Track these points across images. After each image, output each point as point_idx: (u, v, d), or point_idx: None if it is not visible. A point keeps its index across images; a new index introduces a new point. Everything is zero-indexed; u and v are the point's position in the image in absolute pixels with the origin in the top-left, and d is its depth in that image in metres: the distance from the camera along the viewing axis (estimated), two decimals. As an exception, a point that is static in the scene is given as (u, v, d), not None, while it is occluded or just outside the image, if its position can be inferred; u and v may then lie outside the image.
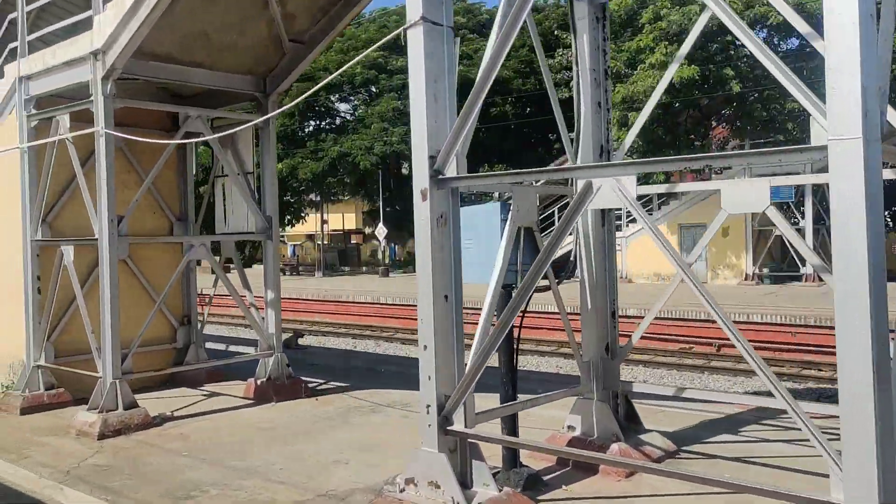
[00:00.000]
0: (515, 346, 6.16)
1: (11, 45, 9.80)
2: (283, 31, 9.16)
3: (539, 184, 8.16)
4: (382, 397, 9.77)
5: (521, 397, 6.17)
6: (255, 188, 10.33)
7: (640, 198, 27.98)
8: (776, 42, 26.61)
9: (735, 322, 18.45)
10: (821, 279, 26.31)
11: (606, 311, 6.89)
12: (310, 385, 10.16)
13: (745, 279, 26.70)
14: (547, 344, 19.81)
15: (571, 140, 6.73)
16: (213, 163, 11.01)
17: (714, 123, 28.49)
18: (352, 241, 55.10)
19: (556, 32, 33.34)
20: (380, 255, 47.67)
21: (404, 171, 42.48)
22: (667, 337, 19.75)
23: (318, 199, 44.35)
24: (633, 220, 30.60)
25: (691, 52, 23.93)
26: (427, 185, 5.24)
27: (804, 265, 25.53)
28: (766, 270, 27.32)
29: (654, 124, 25.42)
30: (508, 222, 5.98)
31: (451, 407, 5.19)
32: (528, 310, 6.25)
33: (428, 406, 5.20)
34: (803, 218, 25.70)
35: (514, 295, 5.39)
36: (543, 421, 7.19)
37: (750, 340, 5.98)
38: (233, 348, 11.85)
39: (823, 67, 3.76)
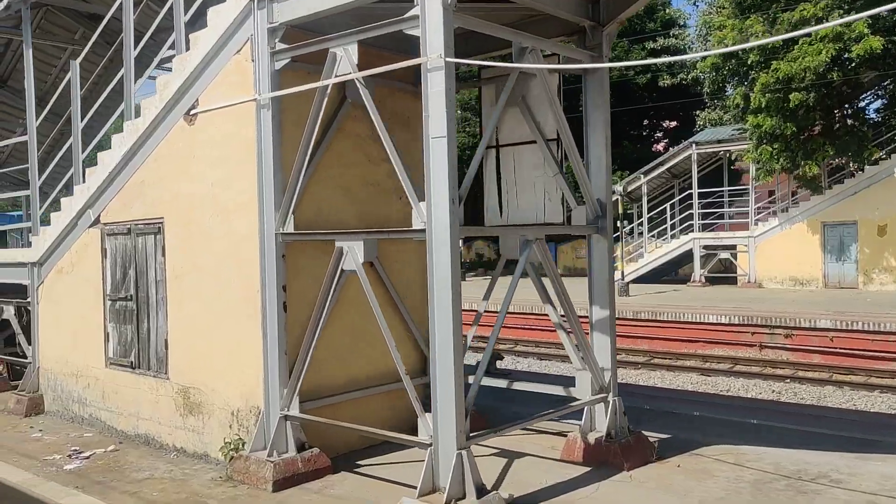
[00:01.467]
0: None
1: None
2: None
3: None
4: (755, 458, 6.82)
5: None
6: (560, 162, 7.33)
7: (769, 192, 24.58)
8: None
9: None
10: None
11: None
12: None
13: (909, 284, 23.61)
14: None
15: None
16: (481, 126, 8.04)
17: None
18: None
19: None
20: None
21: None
22: None
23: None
24: (765, 219, 27.53)
25: (873, 21, 20.88)
26: None
27: None
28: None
29: (813, 108, 22.28)
30: None
31: None
32: None
33: None
34: None
35: None
36: None
37: None
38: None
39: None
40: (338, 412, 6.94)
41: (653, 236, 31.53)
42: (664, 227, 30.48)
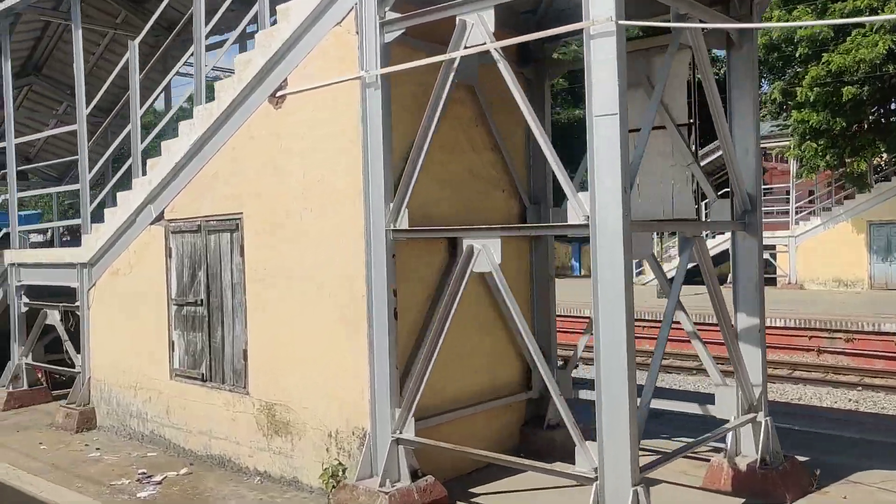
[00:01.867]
0: None
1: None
2: None
3: None
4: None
5: None
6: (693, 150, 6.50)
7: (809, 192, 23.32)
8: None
9: None
10: None
11: None
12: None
13: (962, 286, 22.76)
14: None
15: None
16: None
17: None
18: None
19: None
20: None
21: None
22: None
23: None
24: (805, 218, 26.66)
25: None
26: None
27: None
28: None
29: (865, 102, 21.37)
30: None
31: None
32: None
33: None
34: None
35: None
36: None
37: None
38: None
39: None
40: (444, 433, 6.12)
41: (685, 236, 30.62)
42: (698, 226, 29.56)
